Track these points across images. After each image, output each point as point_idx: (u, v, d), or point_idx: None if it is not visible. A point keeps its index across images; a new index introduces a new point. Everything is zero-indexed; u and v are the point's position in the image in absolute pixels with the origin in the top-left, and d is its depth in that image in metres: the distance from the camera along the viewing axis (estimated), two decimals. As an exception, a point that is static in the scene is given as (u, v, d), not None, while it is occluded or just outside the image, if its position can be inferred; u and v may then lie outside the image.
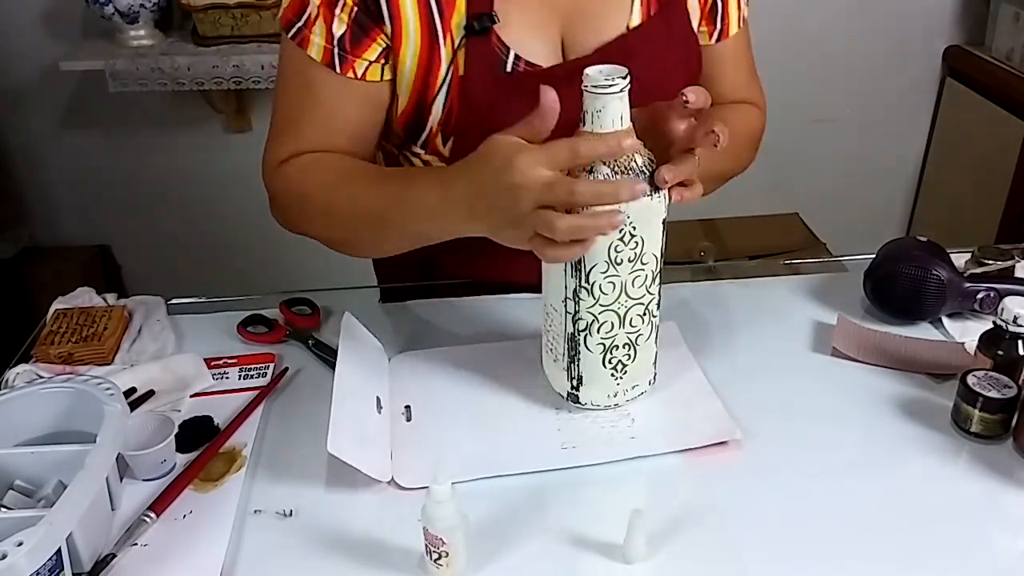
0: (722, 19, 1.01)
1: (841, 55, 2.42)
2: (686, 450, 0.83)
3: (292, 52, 0.89)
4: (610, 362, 0.84)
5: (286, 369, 0.95)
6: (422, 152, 0.96)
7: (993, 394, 0.82)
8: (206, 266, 2.52)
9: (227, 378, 0.94)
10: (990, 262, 1.03)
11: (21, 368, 0.92)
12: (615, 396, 0.86)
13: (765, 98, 1.10)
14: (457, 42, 0.88)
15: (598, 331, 0.82)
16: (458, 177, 0.78)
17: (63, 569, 0.65)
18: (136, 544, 0.73)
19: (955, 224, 2.47)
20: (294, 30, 0.88)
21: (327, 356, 0.96)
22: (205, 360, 0.95)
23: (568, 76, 0.81)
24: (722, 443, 0.83)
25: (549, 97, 0.72)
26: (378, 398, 0.87)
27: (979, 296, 0.99)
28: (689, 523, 0.75)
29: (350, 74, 0.88)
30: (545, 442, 0.84)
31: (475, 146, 0.78)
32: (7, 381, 0.90)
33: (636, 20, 0.93)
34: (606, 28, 0.93)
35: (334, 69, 0.88)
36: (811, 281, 1.11)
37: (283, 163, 0.92)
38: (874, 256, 1.03)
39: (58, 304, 1.03)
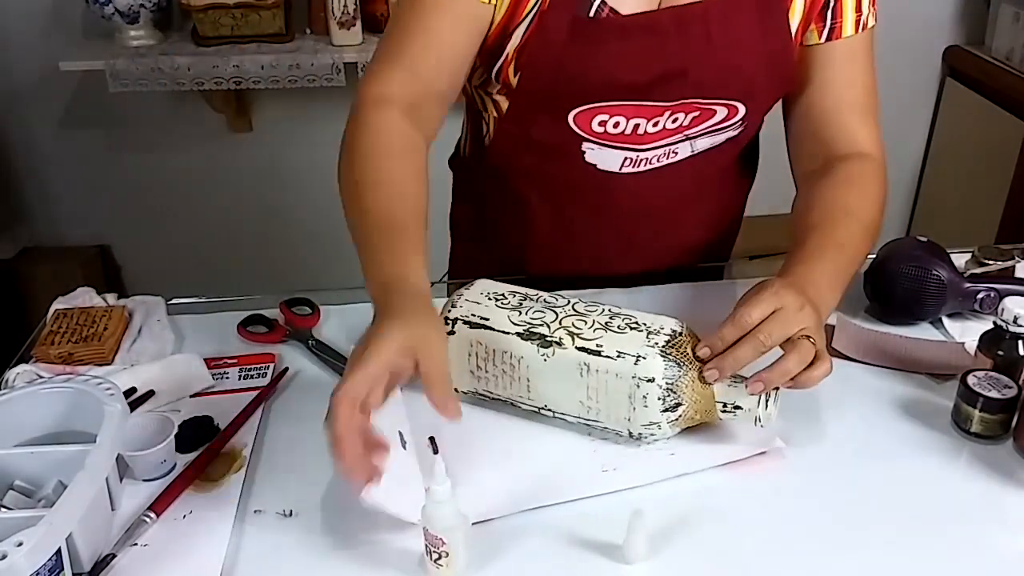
0: (834, 15, 0.95)
1: (841, 55, 2.42)
2: (730, 463, 0.81)
3: None
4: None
5: (286, 369, 0.95)
6: (494, 86, 0.97)
7: (993, 394, 0.82)
8: (206, 266, 2.52)
9: (227, 378, 0.94)
10: (990, 262, 1.03)
11: (21, 368, 0.92)
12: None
13: (880, 137, 1.01)
14: None
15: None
16: (388, 308, 0.75)
17: (63, 569, 0.65)
18: (136, 544, 0.73)
19: (955, 224, 2.47)
20: None
21: (327, 356, 0.96)
22: (205, 360, 0.95)
23: (645, 25, 0.84)
24: (762, 453, 0.82)
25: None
26: (400, 433, 0.81)
27: (979, 296, 0.99)
28: (689, 523, 0.75)
29: None
30: (584, 465, 0.81)
31: (544, 86, 0.85)
32: (7, 381, 0.90)
33: None
34: None
35: None
36: (811, 281, 1.10)
37: (385, 104, 0.90)
38: (874, 256, 1.03)
39: (58, 304, 1.03)
